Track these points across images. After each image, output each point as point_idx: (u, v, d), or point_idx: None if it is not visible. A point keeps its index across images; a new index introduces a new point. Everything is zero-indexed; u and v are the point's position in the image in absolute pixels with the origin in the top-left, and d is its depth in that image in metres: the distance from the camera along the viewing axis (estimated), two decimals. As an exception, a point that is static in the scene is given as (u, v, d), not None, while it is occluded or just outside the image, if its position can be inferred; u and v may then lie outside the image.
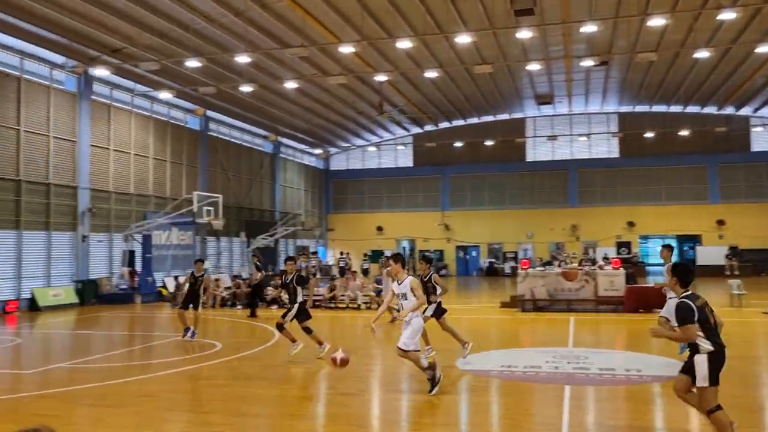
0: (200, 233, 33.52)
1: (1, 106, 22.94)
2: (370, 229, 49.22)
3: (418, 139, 49.28)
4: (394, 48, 26.56)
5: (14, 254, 23.35)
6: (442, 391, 9.41)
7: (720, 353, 6.28)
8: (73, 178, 25.99)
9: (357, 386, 10.38)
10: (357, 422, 8.19)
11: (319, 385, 11.02)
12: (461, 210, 48.37)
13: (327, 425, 8.16)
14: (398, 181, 50.09)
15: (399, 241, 49.44)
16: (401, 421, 8.42)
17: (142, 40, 24.24)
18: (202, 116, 34.85)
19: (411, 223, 48.65)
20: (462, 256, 48.58)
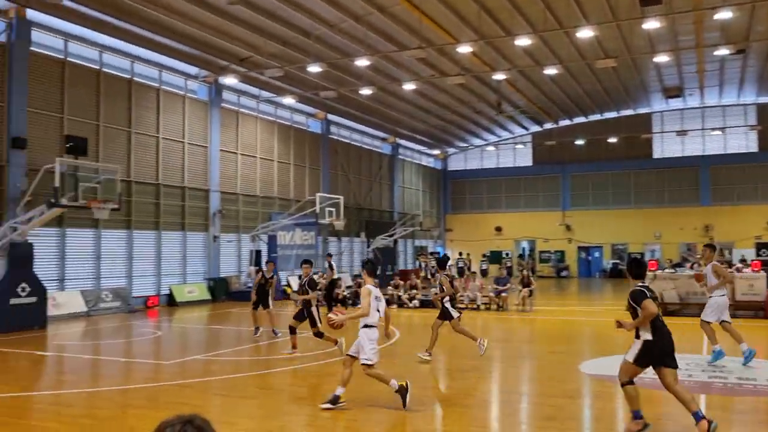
0: (322, 233, 34.53)
1: (143, 116, 24.74)
2: (488, 229, 48.74)
3: (537, 138, 48.25)
4: (512, 46, 26.17)
5: (154, 253, 25.08)
6: (567, 396, 9.19)
7: (655, 345, 7.06)
8: (205, 182, 27.57)
9: (478, 386, 10.34)
10: (478, 423, 8.16)
11: (439, 383, 11.07)
12: (583, 209, 46.85)
13: (447, 424, 8.17)
14: (517, 180, 49.27)
15: (518, 241, 48.64)
16: (522, 423, 8.30)
17: (267, 48, 25.32)
18: (323, 120, 35.89)
19: (530, 223, 47.71)
20: (584, 257, 47.05)
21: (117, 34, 22.54)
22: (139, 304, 23.63)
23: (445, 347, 15.18)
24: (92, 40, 22.69)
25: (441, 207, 51.14)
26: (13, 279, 17.58)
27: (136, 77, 24.62)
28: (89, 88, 22.69)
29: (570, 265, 46.54)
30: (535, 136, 48.51)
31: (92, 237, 22.66)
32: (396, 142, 43.80)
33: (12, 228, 17.97)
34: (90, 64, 22.97)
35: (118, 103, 23.74)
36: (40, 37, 21.06)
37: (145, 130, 24.80)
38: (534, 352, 14.21)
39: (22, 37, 20.06)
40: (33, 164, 19.53)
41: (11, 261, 17.75)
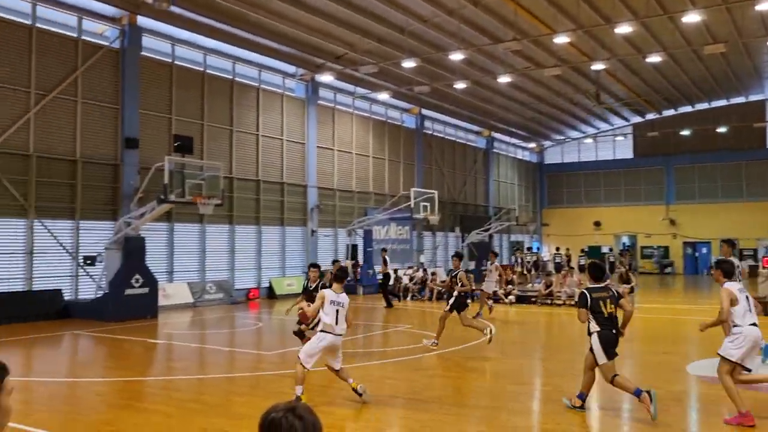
0: (417, 228, 34.66)
1: (243, 115, 25.66)
2: (586, 224, 47.38)
3: (639, 129, 46.41)
4: (612, 34, 25.28)
5: (255, 247, 25.99)
6: (673, 398, 8.85)
7: (605, 333, 8.06)
8: (303, 178, 28.28)
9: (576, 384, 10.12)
10: (578, 423, 8.00)
11: (534, 380, 10.91)
12: (689, 203, 44.70)
13: (546, 422, 8.05)
14: (617, 173, 47.61)
15: (618, 236, 47.03)
16: (624, 425, 8.07)
17: (362, 45, 25.64)
18: (418, 115, 35.98)
19: (631, 217, 45.99)
20: (690, 253, 44.92)
21: (220, 37, 23.47)
22: (241, 296, 24.56)
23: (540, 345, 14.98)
24: (197, 44, 23.73)
25: (537, 201, 50.17)
26: (127, 271, 18.71)
27: (237, 77, 25.57)
28: (194, 90, 23.76)
29: (675, 262, 44.54)
30: (636, 127, 46.70)
31: (198, 231, 23.75)
32: (491, 135, 43.32)
33: (126, 223, 19.10)
34: (195, 67, 24.05)
35: (221, 102, 24.73)
36: (149, 42, 22.23)
37: (245, 128, 25.71)
38: (636, 351, 13.72)
39: (133, 43, 21.24)
40: (144, 163, 20.67)
41: (126, 254, 18.89)
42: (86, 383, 10.50)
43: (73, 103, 20.01)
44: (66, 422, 7.97)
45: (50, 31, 19.68)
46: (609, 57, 27.88)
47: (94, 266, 19.87)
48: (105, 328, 16.67)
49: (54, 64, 19.55)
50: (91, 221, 20.29)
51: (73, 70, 20.01)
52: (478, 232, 36.19)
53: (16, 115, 18.63)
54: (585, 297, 8.21)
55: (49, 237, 19.29)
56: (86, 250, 19.91)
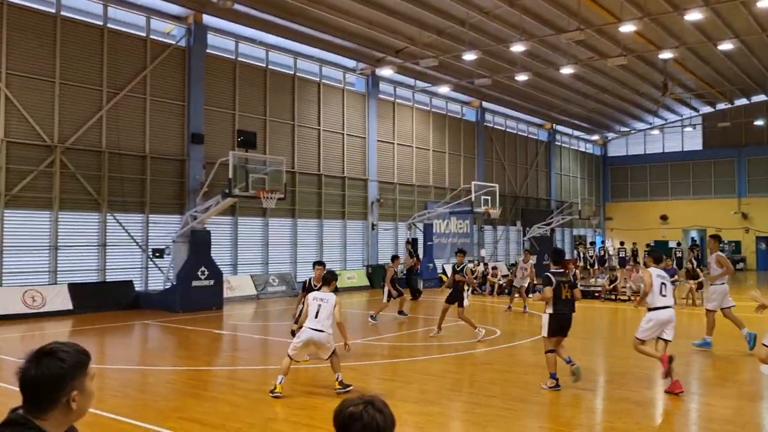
0: (477, 222, 34.43)
1: (305, 110, 26.00)
2: (652, 218, 46.09)
3: (708, 119, 44.78)
4: (681, 21, 24.48)
5: (316, 240, 26.34)
6: (746, 398, 8.56)
7: (557, 317, 9.12)
8: (364, 172, 28.47)
9: (642, 383, 9.91)
10: (646, 422, 7.83)
11: (597, 378, 10.71)
12: (762, 196, 42.86)
13: (611, 420, 7.91)
14: (685, 165, 46.09)
15: (686, 231, 45.58)
16: (693, 425, 7.86)
17: (422, 38, 25.57)
18: (478, 108, 35.68)
19: (700, 211, 44.43)
20: (763, 249, 43.12)
21: (281, 33, 23.81)
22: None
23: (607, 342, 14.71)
24: (260, 40, 24.15)
25: (600, 195, 49.09)
26: (194, 263, 19.24)
27: (298, 73, 25.90)
28: (257, 86, 24.20)
29: (747, 257, 42.87)
30: (706, 117, 45.09)
31: (261, 225, 24.22)
32: (553, 128, 42.60)
33: (193, 216, 19.64)
34: (258, 63, 24.48)
35: (283, 98, 25.11)
36: (214, 40, 22.76)
37: (307, 123, 26.04)
38: (705, 349, 13.30)
39: (199, 41, 21.79)
40: (210, 158, 21.20)
41: (192, 247, 19.43)
42: (157, 371, 10.88)
43: (142, 101, 20.68)
44: (138, 408, 8.28)
45: (120, 31, 20.38)
46: (677, 45, 26.98)
47: (163, 259, 20.53)
48: (173, 318, 17.21)
49: (124, 63, 20.24)
50: (159, 215, 20.97)
51: (142, 68, 20.67)
52: (539, 226, 35.66)
53: (89, 113, 19.38)
54: (550, 279, 9.05)
55: (120, 230, 20.02)
56: (155, 243, 20.61)
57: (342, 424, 2.23)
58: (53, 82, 18.63)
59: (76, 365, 2.43)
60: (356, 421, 2.21)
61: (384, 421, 2.23)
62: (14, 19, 17.92)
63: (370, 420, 2.21)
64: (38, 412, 2.37)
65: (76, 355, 2.45)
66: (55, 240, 18.65)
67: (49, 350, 2.42)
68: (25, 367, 2.38)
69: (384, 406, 2.27)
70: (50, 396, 2.36)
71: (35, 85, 18.31)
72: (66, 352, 2.42)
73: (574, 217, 37.79)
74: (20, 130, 18.01)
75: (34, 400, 2.37)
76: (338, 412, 2.27)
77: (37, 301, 17.51)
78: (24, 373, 2.37)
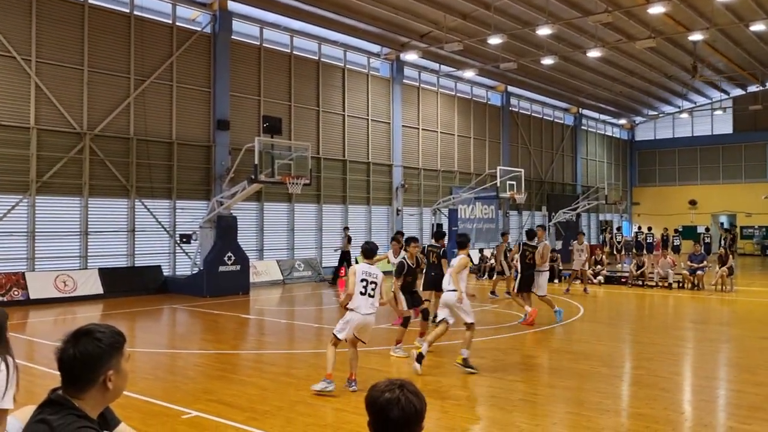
0: (502, 207, 34.27)
1: (330, 95, 26.01)
2: (680, 203, 45.45)
3: (739, 102, 43.91)
4: (712, 2, 24.00)
5: (341, 226, 26.39)
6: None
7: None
8: (388, 157, 28.45)
9: (670, 369, 9.84)
10: (674, 408, 7.78)
11: (624, 363, 10.66)
12: (794, 181, 42.07)
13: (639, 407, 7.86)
14: (715, 149, 45.32)
15: (715, 216, 44.90)
16: (721, 411, 7.79)
17: (447, 22, 25.37)
18: (503, 92, 35.39)
19: (730, 196, 43.73)
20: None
21: (306, 18, 23.79)
22: (328, 273, 25.05)
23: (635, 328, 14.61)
24: (284, 26, 24.17)
25: (627, 179, 48.52)
26: (221, 249, 19.43)
27: (323, 58, 25.89)
28: (282, 71, 24.25)
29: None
30: (736, 100, 44.22)
31: (286, 210, 24.36)
32: (579, 112, 42.11)
33: (219, 202, 19.82)
34: (282, 49, 24.51)
35: (308, 83, 25.14)
36: (239, 26, 22.81)
37: (331, 108, 26.06)
38: (736, 336, 13.17)
39: (224, 28, 21.86)
40: (235, 144, 21.33)
41: (219, 232, 19.63)
42: (186, 354, 11.05)
43: (168, 88, 20.85)
44: (169, 390, 8.43)
45: (147, 19, 20.51)
46: (708, 27, 26.45)
47: (190, 244, 20.77)
48: (200, 303, 17.44)
49: (151, 51, 20.39)
50: (186, 201, 21.19)
51: (168, 55, 20.82)
52: (565, 211, 35.38)
53: (117, 100, 19.60)
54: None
55: (148, 216, 20.28)
56: (182, 229, 20.85)
57: (379, 409, 2.22)
58: (82, 70, 18.85)
59: (113, 345, 2.49)
60: (394, 406, 2.20)
61: (419, 404, 2.25)
62: (44, 9, 18.13)
63: (407, 404, 2.21)
64: (76, 392, 2.43)
65: (112, 336, 2.51)
66: (86, 226, 18.96)
67: (86, 330, 2.48)
68: (64, 347, 2.45)
69: (417, 389, 2.28)
70: (88, 375, 2.42)
71: (64, 74, 18.55)
72: (102, 332, 2.49)
73: (601, 202, 37.43)
74: (50, 118, 18.28)
75: (72, 380, 2.43)
76: (374, 398, 2.25)
77: (68, 285, 17.85)
78: (63, 352, 2.43)
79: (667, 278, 21.35)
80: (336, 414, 7.34)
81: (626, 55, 31.99)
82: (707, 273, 21.38)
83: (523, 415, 7.36)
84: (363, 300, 8.24)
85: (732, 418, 7.39)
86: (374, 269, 8.54)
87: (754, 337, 12.74)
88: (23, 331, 13.00)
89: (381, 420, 2.23)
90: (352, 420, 7.08)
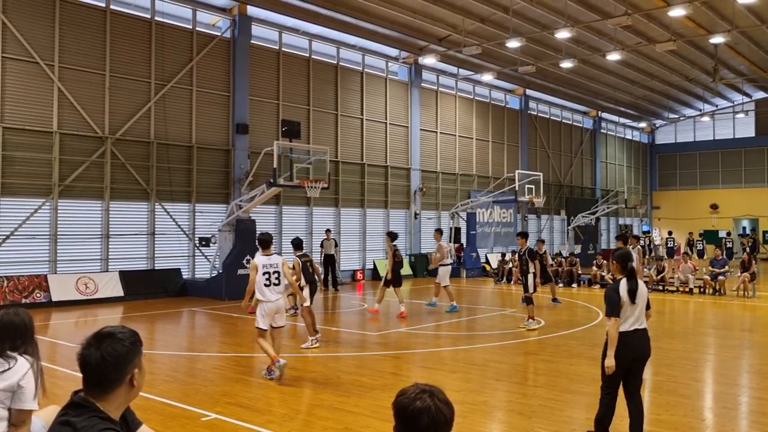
0: (521, 211, 34.14)
1: (348, 99, 26.09)
2: (702, 206, 44.98)
3: (762, 105, 43.41)
4: (734, 4, 23.76)
5: (359, 229, 26.48)
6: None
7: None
8: (406, 161, 28.47)
9: (690, 375, 9.74)
10: (694, 414, 7.70)
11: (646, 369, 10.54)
12: (818, 185, 41.47)
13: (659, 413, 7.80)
14: (737, 153, 44.81)
15: (737, 220, 44.38)
16: (743, 419, 7.70)
17: (465, 26, 25.36)
18: (522, 95, 35.28)
19: (753, 200, 43.18)
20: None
21: (324, 22, 23.90)
22: (347, 277, 25.10)
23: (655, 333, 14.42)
24: (303, 30, 24.29)
25: (647, 183, 48.12)
26: (239, 252, 19.54)
27: (341, 62, 25.98)
28: (301, 76, 24.38)
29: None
30: (759, 103, 43.71)
31: (305, 214, 24.45)
32: (598, 115, 41.86)
33: (238, 206, 19.95)
34: (301, 53, 24.64)
35: (326, 87, 25.24)
36: (258, 30, 22.97)
37: (350, 112, 26.14)
38: (758, 342, 13.00)
39: (243, 32, 22.03)
40: (254, 147, 21.47)
41: (238, 236, 19.74)
42: (205, 357, 11.13)
43: (188, 92, 21.04)
44: (188, 393, 8.49)
45: (167, 24, 20.73)
46: (729, 29, 26.18)
47: (209, 247, 20.91)
48: (219, 306, 17.55)
49: (171, 56, 20.60)
50: (205, 204, 21.34)
51: (188, 60, 21.01)
52: (584, 215, 35.18)
53: (138, 104, 19.81)
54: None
55: (168, 219, 20.47)
56: (201, 232, 21.01)
57: (410, 417, 2.20)
58: (103, 74, 19.08)
59: (135, 343, 2.56)
60: (425, 414, 2.18)
61: (449, 413, 2.23)
62: (66, 15, 18.40)
63: (437, 412, 2.20)
64: (100, 394, 2.47)
65: (132, 335, 2.58)
66: (107, 229, 19.17)
67: (107, 333, 2.53)
68: (87, 350, 2.49)
69: (446, 398, 2.26)
70: (116, 375, 2.47)
71: (86, 78, 18.79)
72: (123, 332, 2.55)
73: (620, 206, 37.18)
74: (73, 122, 18.52)
75: (98, 382, 2.47)
76: (405, 406, 2.22)
77: (90, 287, 18.05)
78: (87, 356, 2.47)
79: (688, 283, 21.13)
80: (354, 417, 7.36)
81: (646, 57, 31.76)
82: (729, 278, 21.12)
83: (542, 420, 7.33)
84: (269, 290, 9.16)
85: (754, 426, 7.30)
86: (273, 259, 9.44)
87: (777, 344, 12.57)
88: (45, 333, 13.16)
89: (410, 427, 2.21)
90: (370, 424, 7.09)
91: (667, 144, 48.38)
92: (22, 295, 16.75)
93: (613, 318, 6.05)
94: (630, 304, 6.08)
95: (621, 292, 6.09)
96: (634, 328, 6.12)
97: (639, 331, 6.16)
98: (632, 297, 6.05)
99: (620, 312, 6.06)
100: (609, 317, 6.11)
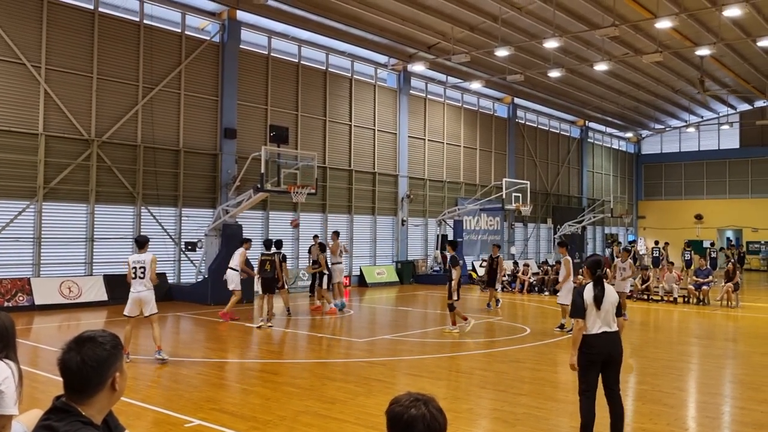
0: (508, 219, 34.25)
1: (336, 105, 26.10)
2: (686, 217, 45.34)
3: (746, 117, 43.87)
4: (719, 17, 24.02)
5: (347, 235, 26.41)
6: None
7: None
8: (394, 168, 28.49)
9: (674, 384, 9.80)
10: (678, 423, 7.74)
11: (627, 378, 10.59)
12: (801, 196, 41.92)
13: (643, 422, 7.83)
14: (721, 164, 45.23)
15: (721, 230, 44.77)
16: (725, 428, 7.75)
17: (454, 34, 25.48)
18: (510, 104, 35.44)
19: (737, 211, 43.59)
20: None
21: (313, 28, 23.93)
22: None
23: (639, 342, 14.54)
24: (292, 36, 24.30)
25: (633, 193, 48.46)
26: (226, 257, 19.37)
27: (330, 68, 26.00)
28: (290, 81, 24.36)
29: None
30: (743, 115, 44.19)
31: (291, 219, 24.36)
32: (585, 125, 42.14)
33: (225, 210, 19.87)
34: (290, 58, 24.63)
35: (315, 93, 25.24)
36: (247, 35, 22.95)
37: (338, 118, 26.14)
38: (741, 352, 13.10)
39: (233, 37, 21.99)
40: (242, 152, 21.42)
41: (224, 241, 19.64)
42: (189, 363, 11.05)
43: (176, 96, 20.97)
44: (171, 398, 8.43)
45: (156, 27, 20.66)
46: (715, 41, 26.48)
47: (195, 252, 20.80)
48: (205, 311, 17.45)
49: (159, 59, 20.52)
50: (192, 209, 21.25)
51: (177, 64, 20.95)
52: (570, 224, 35.37)
53: (125, 107, 19.72)
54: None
55: (154, 223, 20.34)
56: (188, 237, 20.89)
57: (405, 425, 2.18)
58: (91, 77, 18.97)
59: (116, 347, 2.54)
60: (419, 422, 2.17)
61: (443, 421, 2.22)
62: (54, 16, 18.29)
63: (432, 420, 2.19)
64: (82, 398, 2.45)
65: (113, 339, 2.56)
66: (92, 232, 19.02)
67: (87, 337, 2.51)
68: (68, 355, 2.46)
69: (440, 406, 2.25)
70: (97, 379, 2.44)
71: (73, 81, 18.67)
72: (103, 336, 2.53)
73: (606, 215, 37.42)
74: (59, 125, 18.39)
75: (79, 386, 2.44)
76: (399, 414, 2.21)
77: (73, 291, 17.90)
78: (68, 360, 2.44)
79: (672, 293, 21.27)
80: (339, 424, 7.33)
81: (633, 68, 32.04)
82: (713, 288, 21.28)
83: (527, 428, 7.33)
84: (136, 282, 10.62)
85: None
86: (143, 257, 10.65)
87: (760, 354, 12.67)
88: (28, 337, 13.03)
89: None
90: (355, 431, 7.07)
91: (652, 154, 48.76)
92: (5, 298, 16.57)
93: (576, 319, 6.39)
94: (595, 309, 6.34)
95: (585, 296, 6.40)
96: (602, 330, 6.40)
97: (608, 333, 6.44)
98: (597, 302, 6.33)
99: (584, 314, 6.36)
100: (572, 318, 6.50)
